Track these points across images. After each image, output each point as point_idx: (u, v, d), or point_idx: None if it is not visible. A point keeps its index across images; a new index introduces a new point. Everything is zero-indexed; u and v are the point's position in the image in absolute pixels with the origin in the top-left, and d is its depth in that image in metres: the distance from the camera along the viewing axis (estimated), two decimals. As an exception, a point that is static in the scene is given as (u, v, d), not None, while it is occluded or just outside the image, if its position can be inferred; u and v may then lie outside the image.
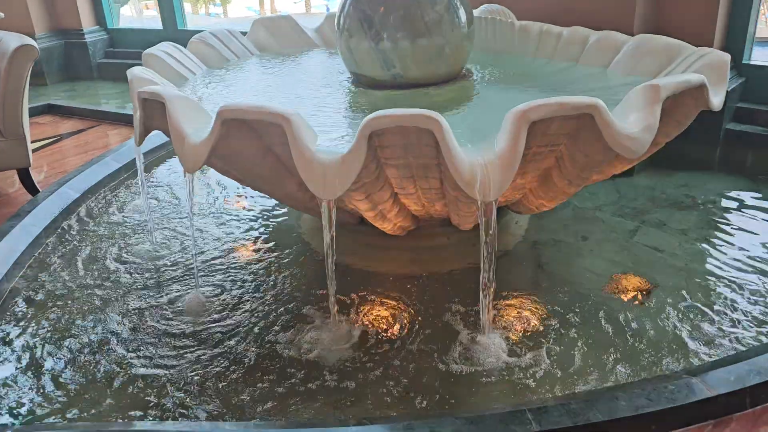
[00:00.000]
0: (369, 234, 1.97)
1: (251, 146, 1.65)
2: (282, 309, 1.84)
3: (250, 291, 1.94)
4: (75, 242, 2.29)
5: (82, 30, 4.81)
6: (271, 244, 2.21)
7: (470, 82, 2.11)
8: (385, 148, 1.50)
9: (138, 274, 2.06)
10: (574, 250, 2.08)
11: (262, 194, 2.44)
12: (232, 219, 2.42)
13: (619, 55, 2.09)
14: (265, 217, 2.43)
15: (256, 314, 1.83)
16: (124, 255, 2.19)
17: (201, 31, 4.62)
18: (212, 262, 2.11)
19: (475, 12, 2.52)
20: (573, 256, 2.05)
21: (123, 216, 2.49)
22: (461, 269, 1.96)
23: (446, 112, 1.83)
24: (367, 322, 1.77)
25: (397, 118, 1.39)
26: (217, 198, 2.61)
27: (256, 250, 2.17)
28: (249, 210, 2.50)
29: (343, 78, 2.23)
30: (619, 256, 2.03)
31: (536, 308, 1.79)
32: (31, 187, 2.63)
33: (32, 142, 2.80)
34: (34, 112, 3.64)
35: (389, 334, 1.72)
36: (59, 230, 2.36)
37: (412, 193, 1.73)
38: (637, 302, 1.81)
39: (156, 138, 2.97)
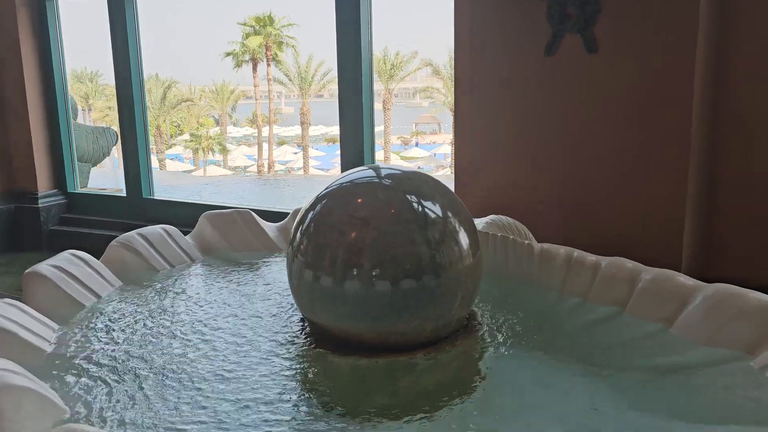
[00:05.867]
0: None
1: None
2: None
3: None
4: None
5: (37, 194, 4.31)
6: None
7: (476, 341, 1.47)
8: None
9: None
10: None
11: None
12: None
13: (687, 311, 1.47)
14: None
15: None
16: None
17: (169, 201, 4.16)
18: None
19: (480, 223, 1.95)
20: None
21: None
22: None
23: (437, 413, 1.16)
24: None
25: None
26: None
27: None
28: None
29: (296, 318, 1.60)
30: None
31: None
32: None
33: None
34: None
35: None
36: None
37: None
38: None
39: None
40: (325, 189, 1.55)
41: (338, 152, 3.34)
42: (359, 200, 1.47)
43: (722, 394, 1.21)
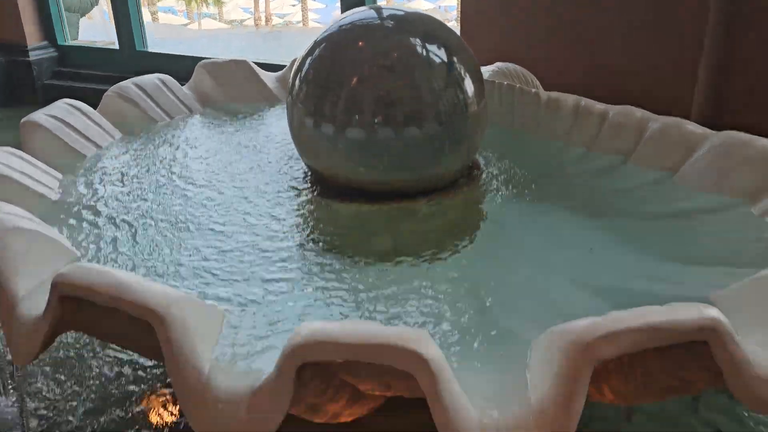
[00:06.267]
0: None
1: (121, 322, 1.01)
2: None
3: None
4: None
5: (27, 47, 4.15)
6: None
7: (478, 190, 1.47)
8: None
9: None
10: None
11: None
12: None
13: (693, 158, 1.45)
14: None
15: None
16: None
17: (164, 54, 4.01)
18: None
19: (486, 71, 1.88)
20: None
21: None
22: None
23: (438, 256, 1.18)
24: None
25: (345, 348, 0.75)
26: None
27: None
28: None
29: (298, 168, 1.59)
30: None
31: None
32: None
33: None
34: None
35: None
36: None
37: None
38: None
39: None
40: (324, 33, 1.47)
41: (338, 4, 3.16)
42: (360, 43, 1.40)
43: (720, 239, 1.23)
